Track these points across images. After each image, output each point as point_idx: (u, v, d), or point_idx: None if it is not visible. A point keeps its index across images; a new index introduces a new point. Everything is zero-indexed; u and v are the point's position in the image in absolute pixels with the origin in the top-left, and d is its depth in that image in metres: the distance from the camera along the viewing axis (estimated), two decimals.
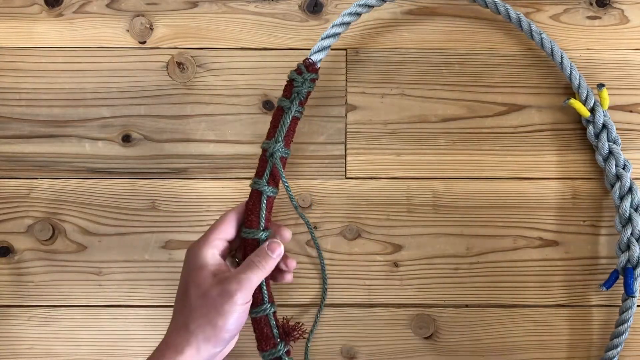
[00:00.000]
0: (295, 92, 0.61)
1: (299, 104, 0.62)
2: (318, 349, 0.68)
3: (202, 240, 0.58)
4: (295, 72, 0.62)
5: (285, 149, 0.61)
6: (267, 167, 0.60)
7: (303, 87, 0.61)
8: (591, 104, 0.66)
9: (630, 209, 0.64)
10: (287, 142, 0.62)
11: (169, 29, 0.70)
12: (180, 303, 0.56)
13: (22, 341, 0.68)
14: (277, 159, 0.60)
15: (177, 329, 0.55)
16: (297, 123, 0.62)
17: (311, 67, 0.62)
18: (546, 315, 0.68)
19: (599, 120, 0.65)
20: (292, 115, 0.61)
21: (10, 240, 0.68)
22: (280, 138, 0.61)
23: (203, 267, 0.56)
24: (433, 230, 0.69)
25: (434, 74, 0.70)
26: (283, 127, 0.61)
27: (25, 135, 0.69)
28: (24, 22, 0.70)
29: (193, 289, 0.55)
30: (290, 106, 0.61)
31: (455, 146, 0.69)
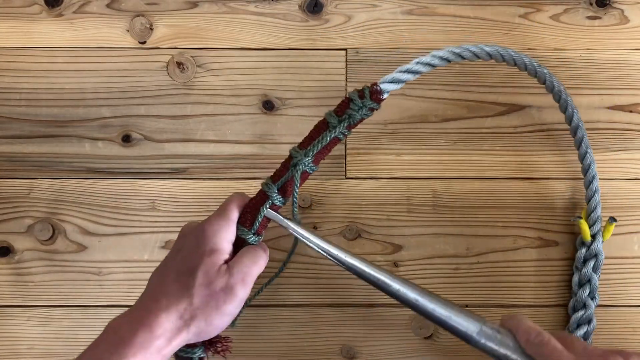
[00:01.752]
0: (347, 113, 0.57)
1: (347, 127, 0.57)
2: (318, 349, 0.68)
3: (222, 220, 0.55)
4: (358, 93, 0.57)
5: (312, 165, 0.57)
6: (286, 175, 0.57)
7: (358, 112, 0.57)
8: (595, 230, 0.65)
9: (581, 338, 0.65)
10: (318, 159, 0.58)
11: (169, 29, 0.70)
12: (178, 282, 0.52)
13: (22, 341, 0.68)
14: (298, 171, 0.56)
15: (168, 313, 0.51)
16: (336, 143, 0.58)
17: (375, 95, 0.57)
18: (546, 315, 0.68)
19: (594, 249, 0.65)
20: (334, 136, 0.57)
21: (10, 240, 0.68)
22: (311, 153, 0.57)
23: (217, 252, 0.53)
24: (433, 230, 0.69)
25: (434, 74, 0.70)
26: (320, 143, 0.57)
27: (25, 135, 0.69)
28: (24, 22, 0.70)
29: (201, 275, 0.52)
30: (337, 126, 0.57)
31: (455, 146, 0.69)
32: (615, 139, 0.69)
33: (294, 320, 0.68)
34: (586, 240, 0.65)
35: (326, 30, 0.70)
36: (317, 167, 0.58)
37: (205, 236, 0.54)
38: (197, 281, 0.52)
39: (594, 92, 0.70)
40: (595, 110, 0.70)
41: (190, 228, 0.56)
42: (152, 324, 0.50)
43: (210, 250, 0.53)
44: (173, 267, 0.54)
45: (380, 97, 0.57)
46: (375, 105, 0.57)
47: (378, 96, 0.57)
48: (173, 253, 0.55)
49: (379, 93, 0.57)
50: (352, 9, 0.70)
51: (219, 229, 0.54)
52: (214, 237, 0.54)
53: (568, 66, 0.70)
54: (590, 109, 0.70)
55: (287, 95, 0.70)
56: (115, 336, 0.50)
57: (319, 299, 0.68)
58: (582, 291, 0.65)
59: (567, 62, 0.70)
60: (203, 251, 0.53)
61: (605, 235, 0.65)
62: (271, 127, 0.69)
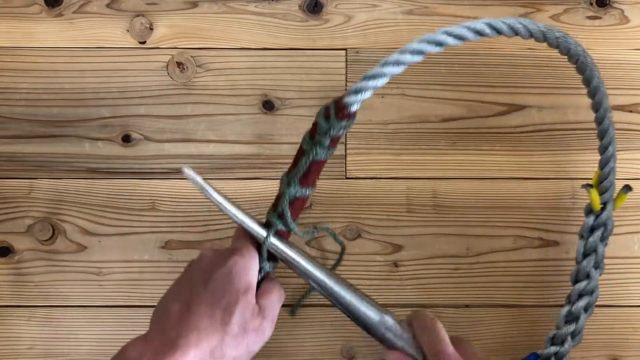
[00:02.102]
0: (318, 137, 0.52)
1: (321, 148, 0.53)
2: (318, 349, 0.68)
3: (253, 253, 0.53)
4: (324, 114, 0.52)
5: (302, 189, 0.55)
6: (280, 205, 0.56)
7: (326, 135, 0.52)
8: (606, 198, 0.61)
9: (582, 310, 0.61)
10: (306, 182, 0.55)
11: (169, 29, 0.70)
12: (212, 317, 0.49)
13: (22, 341, 0.68)
14: (285, 200, 0.55)
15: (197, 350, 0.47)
16: (321, 165, 0.54)
17: (341, 112, 0.50)
18: (546, 315, 0.68)
19: (603, 218, 0.60)
20: (312, 159, 0.53)
21: (10, 240, 0.68)
22: (294, 181, 0.55)
23: (251, 290, 0.51)
24: (433, 230, 0.69)
25: (434, 74, 0.70)
26: (300, 168, 0.54)
27: (25, 135, 0.69)
28: (24, 22, 0.70)
29: (238, 314, 0.49)
30: (310, 149, 0.53)
31: (455, 146, 0.69)
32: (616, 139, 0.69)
33: (294, 321, 0.68)
34: (595, 210, 0.60)
35: (326, 30, 0.70)
36: (312, 188, 0.56)
37: (239, 271, 0.51)
38: (234, 320, 0.49)
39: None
40: None
41: (217, 256, 0.53)
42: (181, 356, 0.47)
43: (245, 288, 0.51)
44: (204, 299, 0.50)
45: (347, 112, 0.50)
46: (343, 122, 0.51)
47: (344, 112, 0.50)
48: (198, 282, 0.51)
49: (344, 108, 0.50)
50: (352, 9, 0.70)
51: (251, 264, 0.52)
52: (247, 274, 0.51)
53: (568, 66, 0.70)
54: (590, 109, 0.69)
55: (287, 95, 0.70)
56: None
57: (319, 299, 0.68)
58: (587, 261, 0.60)
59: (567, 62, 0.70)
60: (238, 289, 0.50)
61: (617, 204, 0.61)
62: (271, 127, 0.69)
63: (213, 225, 0.68)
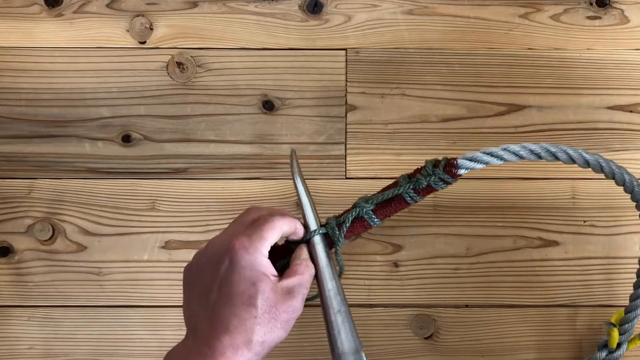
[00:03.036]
0: (417, 177, 0.56)
1: (413, 189, 0.56)
2: (318, 349, 0.68)
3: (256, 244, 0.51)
4: (433, 162, 0.56)
5: (373, 215, 0.57)
6: (346, 215, 0.57)
7: (426, 179, 0.56)
8: (623, 339, 0.63)
9: None
10: (381, 212, 0.57)
11: (169, 29, 0.70)
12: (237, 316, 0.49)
13: (22, 341, 0.68)
14: (353, 212, 0.56)
15: (235, 345, 0.49)
16: (402, 205, 0.57)
17: (449, 167, 0.56)
18: (546, 315, 0.68)
19: (615, 356, 0.64)
20: (398, 193, 0.56)
21: (10, 240, 0.68)
22: (372, 201, 0.56)
23: (266, 276, 0.51)
24: (433, 230, 0.69)
25: (434, 74, 0.70)
26: (384, 195, 0.56)
27: (25, 135, 0.69)
28: (24, 22, 0.70)
29: (262, 303, 0.49)
30: (404, 184, 0.56)
31: (455, 146, 0.69)
32: (615, 139, 0.69)
33: None
34: (611, 347, 0.63)
35: (326, 30, 0.70)
36: (379, 220, 0.57)
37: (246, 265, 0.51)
38: (260, 310, 0.50)
39: (594, 92, 0.70)
40: (595, 110, 0.70)
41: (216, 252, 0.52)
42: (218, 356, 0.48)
43: (259, 277, 0.50)
44: (225, 302, 0.50)
45: (454, 170, 0.56)
46: (447, 177, 0.56)
47: (452, 169, 0.55)
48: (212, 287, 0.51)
49: (454, 167, 0.55)
50: (352, 9, 0.70)
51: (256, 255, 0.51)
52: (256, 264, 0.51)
53: (568, 66, 0.70)
54: (590, 109, 0.70)
55: (287, 95, 0.70)
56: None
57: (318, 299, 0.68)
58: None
59: (567, 62, 0.70)
60: (254, 281, 0.50)
61: (630, 346, 0.64)
62: (271, 127, 0.69)
63: (213, 225, 0.68)
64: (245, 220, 0.53)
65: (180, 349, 0.51)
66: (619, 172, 0.58)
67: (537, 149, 0.56)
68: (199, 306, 0.51)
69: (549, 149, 0.56)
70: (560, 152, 0.56)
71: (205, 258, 0.52)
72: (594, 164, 0.57)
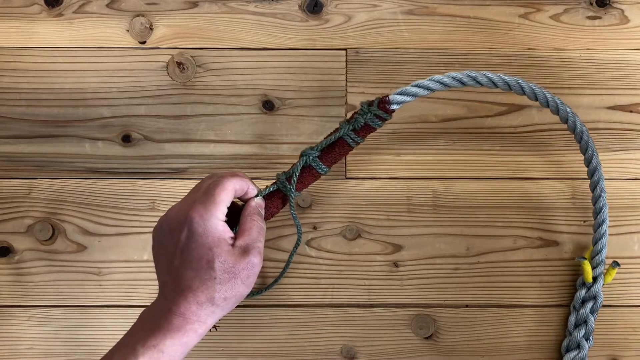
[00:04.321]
0: (354, 118, 0.59)
1: (353, 130, 0.59)
2: (318, 349, 0.68)
3: (210, 210, 0.55)
4: (368, 102, 0.59)
5: (319, 162, 0.60)
6: (294, 167, 0.59)
7: (362, 117, 0.59)
8: (597, 272, 0.65)
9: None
10: (327, 158, 0.60)
11: (169, 29, 0.70)
12: (199, 278, 0.54)
13: (22, 341, 0.68)
14: (301, 162, 0.59)
15: (199, 302, 0.54)
16: (345, 149, 0.60)
17: (383, 104, 0.59)
18: (546, 315, 0.68)
19: (594, 290, 0.65)
20: (339, 136, 0.59)
21: (10, 240, 0.68)
22: (317, 147, 0.59)
23: (222, 240, 0.55)
24: (433, 230, 0.69)
25: (434, 74, 0.70)
26: (327, 141, 0.59)
27: (25, 135, 0.69)
28: (24, 22, 0.70)
29: (219, 264, 0.54)
30: (343, 126, 0.59)
31: (455, 146, 0.69)
32: (615, 139, 0.69)
33: (294, 321, 0.68)
34: (587, 282, 0.65)
35: (326, 30, 0.70)
36: (327, 168, 0.60)
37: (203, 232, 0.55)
38: (218, 272, 0.54)
39: (594, 92, 0.70)
40: (595, 110, 0.70)
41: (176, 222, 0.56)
42: (186, 313, 0.53)
43: (216, 242, 0.54)
44: (187, 266, 0.55)
45: (387, 106, 0.58)
46: (382, 113, 0.58)
47: (385, 105, 0.58)
48: (174, 253, 0.55)
49: (386, 102, 0.58)
50: (352, 9, 0.70)
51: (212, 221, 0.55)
52: (211, 230, 0.55)
53: (568, 66, 0.70)
54: (590, 109, 0.70)
55: (287, 95, 0.70)
56: (153, 321, 0.54)
57: (319, 299, 0.68)
58: (577, 331, 0.65)
59: (567, 62, 0.70)
60: (210, 245, 0.54)
61: (607, 279, 0.65)
62: (271, 127, 0.69)
63: None
64: (202, 186, 0.57)
65: (152, 308, 0.56)
66: (539, 92, 0.61)
67: (459, 75, 0.60)
68: (165, 268, 0.56)
69: (470, 74, 0.60)
70: (480, 77, 0.60)
71: (166, 224, 0.56)
72: (513, 85, 0.61)
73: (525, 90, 0.61)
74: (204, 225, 0.54)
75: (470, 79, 0.60)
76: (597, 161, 0.63)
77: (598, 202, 0.64)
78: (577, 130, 0.63)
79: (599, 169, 0.63)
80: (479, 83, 0.60)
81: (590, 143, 0.63)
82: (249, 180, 0.59)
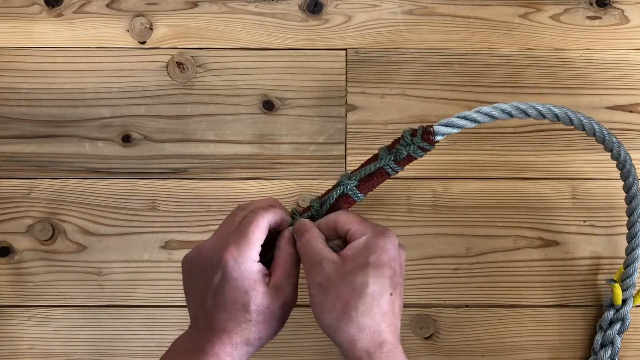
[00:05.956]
0: (396, 148, 0.57)
1: (394, 161, 0.56)
2: (318, 349, 0.68)
3: (245, 252, 0.52)
4: (411, 131, 0.57)
5: (357, 191, 0.56)
6: (330, 195, 0.57)
7: (405, 149, 0.56)
8: (627, 295, 0.65)
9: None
10: (364, 187, 0.57)
11: (169, 29, 0.70)
12: (234, 320, 0.51)
13: (22, 341, 0.68)
14: (337, 191, 0.56)
15: (233, 344, 0.51)
16: (384, 178, 0.57)
17: (427, 135, 0.56)
18: (546, 315, 0.68)
19: (622, 312, 0.65)
20: (380, 166, 0.56)
21: (10, 240, 0.68)
22: (355, 177, 0.56)
23: (257, 282, 0.52)
24: (433, 230, 0.69)
25: (434, 74, 0.70)
26: (365, 170, 0.57)
27: (25, 135, 0.69)
28: (24, 22, 0.70)
29: (254, 307, 0.51)
30: (384, 156, 0.56)
31: (455, 146, 0.69)
32: None
33: (294, 320, 0.68)
34: (616, 304, 0.65)
35: (326, 30, 0.70)
36: (363, 195, 0.57)
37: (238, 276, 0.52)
38: (254, 314, 0.51)
39: (594, 92, 0.70)
40: (595, 110, 0.70)
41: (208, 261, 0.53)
42: (220, 354, 0.51)
43: (251, 285, 0.51)
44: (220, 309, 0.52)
45: (431, 137, 0.56)
46: (426, 145, 0.56)
47: (429, 136, 0.56)
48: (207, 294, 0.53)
49: (430, 134, 0.56)
50: (352, 9, 0.70)
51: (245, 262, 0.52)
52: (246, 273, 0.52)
53: (568, 66, 0.70)
54: (590, 109, 0.70)
55: (287, 95, 0.70)
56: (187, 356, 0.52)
57: None
58: (604, 352, 0.65)
59: (567, 62, 0.70)
60: (247, 289, 0.51)
61: (637, 300, 0.65)
62: (271, 127, 0.69)
63: (213, 225, 0.68)
64: (235, 219, 0.54)
65: (185, 340, 0.53)
66: (588, 123, 0.59)
67: (507, 107, 0.57)
68: (197, 305, 0.53)
69: (519, 107, 0.57)
70: (530, 109, 0.57)
71: (197, 262, 0.53)
72: (562, 117, 0.58)
73: (574, 122, 0.59)
74: (238, 269, 0.51)
75: (518, 111, 0.57)
76: (636, 188, 0.62)
77: (634, 228, 0.63)
78: (621, 159, 0.61)
79: (638, 195, 0.62)
80: (527, 115, 0.58)
81: (633, 171, 0.61)
82: (283, 211, 0.55)
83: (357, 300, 0.49)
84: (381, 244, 0.51)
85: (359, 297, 0.49)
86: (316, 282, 0.51)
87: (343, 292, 0.50)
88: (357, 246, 0.52)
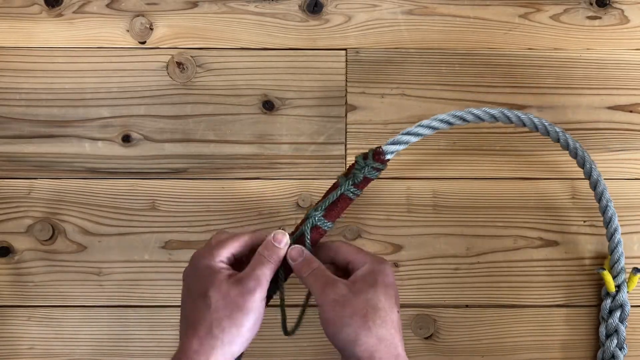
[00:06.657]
0: (352, 173, 0.59)
1: (353, 185, 0.59)
2: (318, 349, 0.68)
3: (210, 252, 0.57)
4: (362, 155, 0.60)
5: (325, 220, 0.59)
6: (301, 229, 0.59)
7: (361, 172, 0.59)
8: (619, 281, 0.65)
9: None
10: (330, 215, 0.59)
11: (169, 29, 0.70)
12: (197, 311, 0.55)
13: (22, 341, 0.68)
14: (308, 225, 0.59)
15: (199, 337, 0.53)
16: (347, 202, 0.60)
17: (377, 156, 0.59)
18: (546, 315, 0.68)
19: (619, 299, 0.65)
20: (341, 193, 0.59)
21: (10, 240, 0.68)
22: (320, 207, 0.59)
23: (218, 272, 0.55)
24: (433, 230, 0.69)
25: (434, 74, 0.70)
26: (328, 199, 0.59)
27: (25, 135, 0.69)
28: (24, 22, 0.70)
29: (213, 293, 0.54)
30: (343, 183, 0.59)
31: (455, 146, 0.69)
32: (615, 139, 0.69)
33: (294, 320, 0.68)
34: (611, 291, 0.65)
35: (326, 30, 0.70)
36: (332, 224, 0.60)
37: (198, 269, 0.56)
38: (212, 300, 0.54)
39: (594, 92, 0.70)
40: (595, 110, 0.70)
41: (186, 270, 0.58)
42: (188, 352, 0.53)
43: (213, 273, 0.55)
44: (186, 300, 0.57)
45: (382, 157, 0.59)
46: (378, 165, 0.59)
47: (380, 156, 0.59)
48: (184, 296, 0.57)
49: (381, 154, 0.59)
50: (352, 9, 0.70)
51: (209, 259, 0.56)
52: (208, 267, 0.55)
53: (568, 66, 0.70)
54: (590, 109, 0.70)
55: (287, 95, 0.70)
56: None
57: None
58: (610, 342, 0.65)
59: (567, 62, 0.70)
60: (206, 278, 0.55)
61: (630, 286, 0.65)
62: (271, 127, 0.69)
63: (213, 225, 0.68)
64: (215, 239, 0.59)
65: None
66: (526, 118, 0.62)
67: (446, 117, 0.62)
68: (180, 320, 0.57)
69: (456, 114, 0.62)
70: (467, 114, 0.62)
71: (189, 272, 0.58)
72: (499, 117, 0.62)
73: (512, 119, 0.62)
74: (203, 261, 0.56)
75: (456, 119, 0.62)
76: (597, 173, 0.63)
77: (606, 212, 0.64)
78: (571, 147, 0.63)
79: (601, 180, 0.63)
80: (466, 121, 0.62)
81: (587, 156, 0.63)
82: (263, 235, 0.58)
83: (373, 314, 0.53)
84: (383, 269, 0.56)
85: (374, 311, 0.53)
86: (330, 299, 0.54)
87: (360, 306, 0.53)
88: (362, 271, 0.56)
